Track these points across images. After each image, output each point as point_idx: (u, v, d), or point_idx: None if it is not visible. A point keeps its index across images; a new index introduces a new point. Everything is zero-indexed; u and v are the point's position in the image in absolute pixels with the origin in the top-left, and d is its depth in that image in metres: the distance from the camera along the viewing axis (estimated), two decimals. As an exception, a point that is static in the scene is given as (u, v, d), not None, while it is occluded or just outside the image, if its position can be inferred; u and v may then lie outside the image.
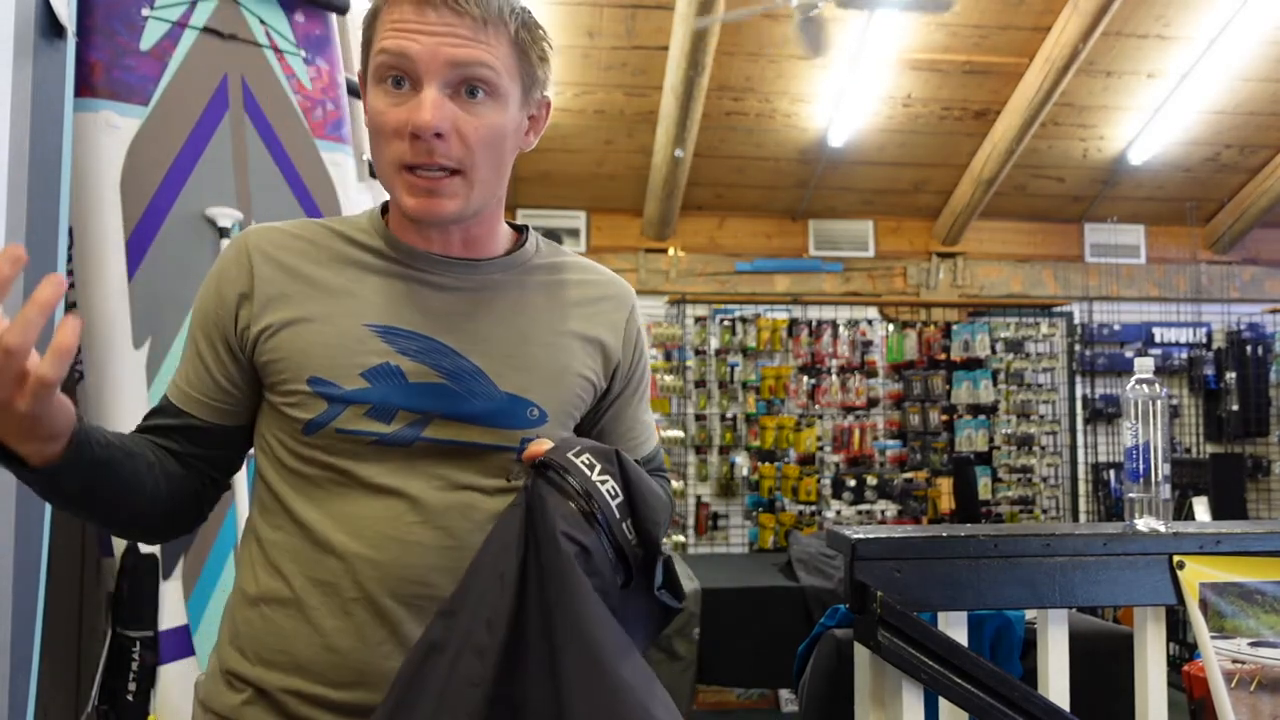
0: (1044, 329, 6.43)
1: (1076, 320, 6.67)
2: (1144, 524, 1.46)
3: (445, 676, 0.82)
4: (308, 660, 0.94)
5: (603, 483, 0.87)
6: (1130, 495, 1.49)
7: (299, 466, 0.97)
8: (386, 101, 0.92)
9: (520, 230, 1.08)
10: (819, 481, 6.03)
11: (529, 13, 0.95)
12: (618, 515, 0.87)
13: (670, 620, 0.96)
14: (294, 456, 0.97)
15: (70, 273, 1.80)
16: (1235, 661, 1.40)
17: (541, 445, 0.92)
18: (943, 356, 6.27)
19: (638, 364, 1.11)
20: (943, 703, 1.35)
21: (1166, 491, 1.47)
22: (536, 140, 1.03)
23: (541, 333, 1.01)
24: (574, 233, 6.52)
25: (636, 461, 0.97)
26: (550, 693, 0.81)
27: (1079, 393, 6.57)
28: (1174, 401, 6.73)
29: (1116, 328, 6.72)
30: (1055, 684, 1.41)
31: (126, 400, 1.83)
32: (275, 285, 0.96)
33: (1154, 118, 6.06)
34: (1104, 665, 1.65)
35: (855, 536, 1.37)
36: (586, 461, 0.88)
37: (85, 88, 1.79)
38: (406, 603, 0.94)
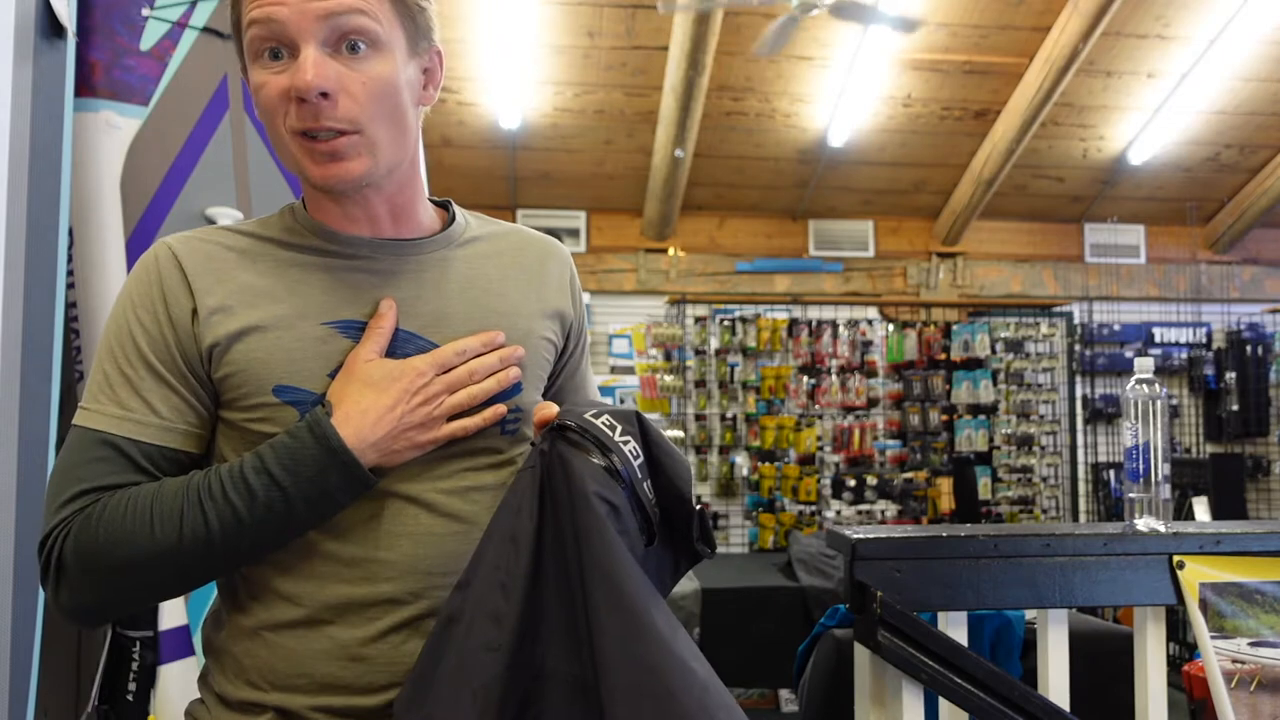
0: (1044, 329, 6.43)
1: (1076, 320, 6.67)
2: (1144, 524, 1.46)
3: (462, 643, 0.81)
4: (332, 677, 0.90)
5: (625, 443, 0.87)
6: (1130, 495, 1.48)
7: None
8: (267, 74, 0.88)
9: (445, 206, 1.05)
10: (819, 481, 6.02)
11: None
12: (639, 475, 0.87)
13: (682, 575, 0.95)
14: None
15: (70, 273, 1.80)
16: (1235, 661, 1.40)
17: (550, 409, 0.90)
18: (943, 356, 6.27)
19: (581, 318, 1.11)
20: (943, 703, 1.35)
21: (1166, 491, 1.47)
22: (437, 94, 0.98)
23: (498, 303, 0.99)
24: (574, 233, 6.52)
25: None
26: (576, 656, 0.80)
27: (1079, 393, 6.57)
28: (1174, 401, 6.73)
29: (1116, 328, 6.72)
30: (1055, 684, 1.41)
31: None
32: (215, 297, 0.90)
33: (1154, 118, 6.06)
34: (1104, 665, 1.65)
35: (855, 536, 1.37)
36: (607, 423, 0.88)
37: (85, 88, 1.79)
38: (431, 597, 0.91)
